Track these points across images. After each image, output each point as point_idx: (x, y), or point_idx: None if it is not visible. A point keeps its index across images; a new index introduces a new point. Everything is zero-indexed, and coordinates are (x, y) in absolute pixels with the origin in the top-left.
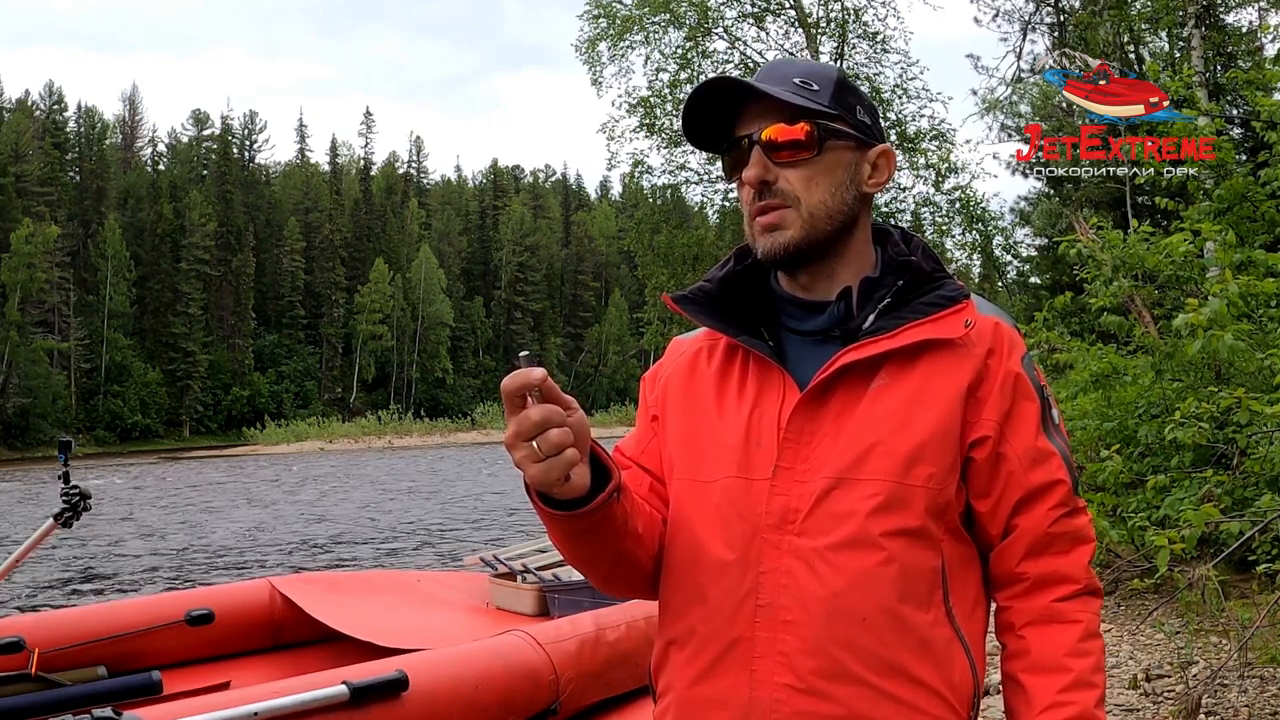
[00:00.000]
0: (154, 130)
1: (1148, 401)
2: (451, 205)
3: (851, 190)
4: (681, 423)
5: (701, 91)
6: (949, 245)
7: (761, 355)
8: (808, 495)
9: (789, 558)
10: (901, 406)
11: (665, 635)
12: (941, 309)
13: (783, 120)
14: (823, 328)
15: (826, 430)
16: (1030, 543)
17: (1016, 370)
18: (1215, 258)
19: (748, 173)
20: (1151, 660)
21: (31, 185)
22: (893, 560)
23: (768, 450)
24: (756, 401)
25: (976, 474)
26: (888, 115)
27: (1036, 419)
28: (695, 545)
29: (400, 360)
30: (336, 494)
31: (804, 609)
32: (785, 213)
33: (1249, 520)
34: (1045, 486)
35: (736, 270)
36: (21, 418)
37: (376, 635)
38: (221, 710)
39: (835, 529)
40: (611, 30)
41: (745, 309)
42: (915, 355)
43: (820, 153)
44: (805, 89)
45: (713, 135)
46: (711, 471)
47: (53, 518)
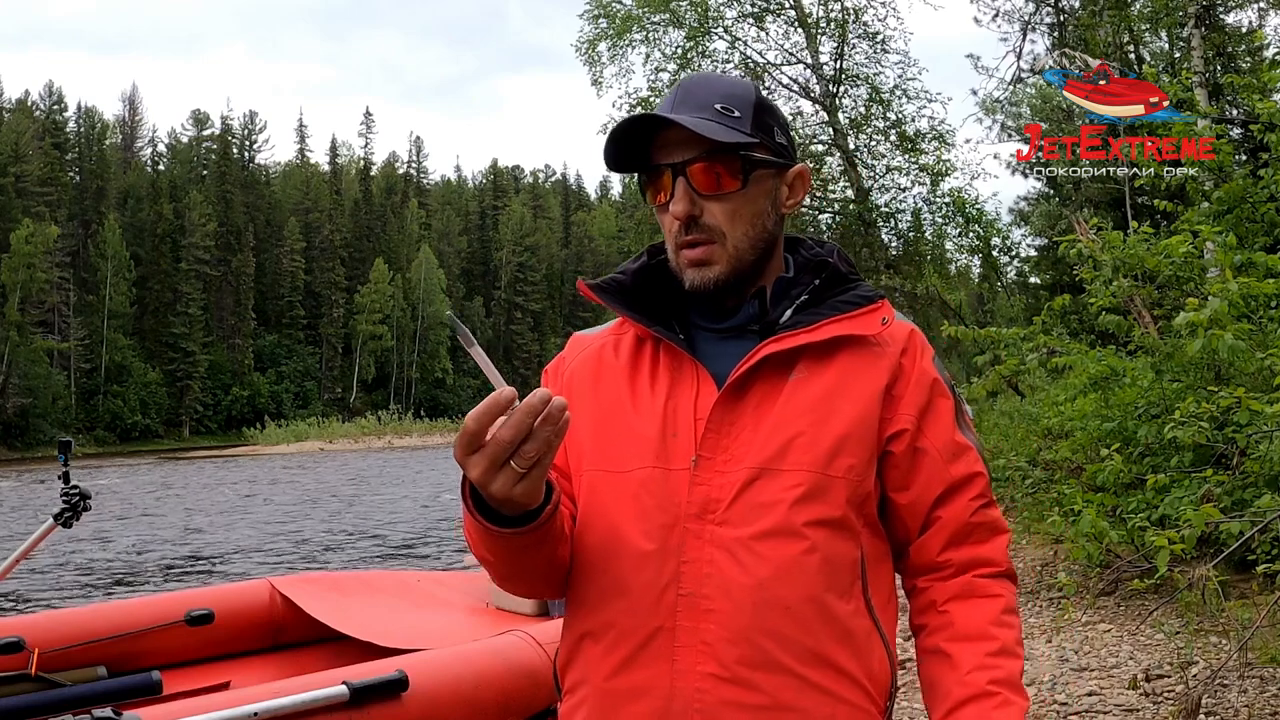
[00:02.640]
0: (154, 130)
1: (1147, 402)
2: (451, 205)
3: (773, 216)
4: (591, 415)
5: (626, 126)
6: (948, 246)
7: (673, 346)
8: (730, 485)
9: (711, 547)
10: (821, 399)
11: (578, 629)
12: (859, 307)
13: (707, 152)
14: (737, 325)
15: (746, 421)
16: (952, 533)
17: (931, 370)
18: (1215, 259)
19: (674, 207)
20: (1151, 660)
21: (31, 185)
22: (816, 550)
23: (685, 440)
24: (671, 392)
25: (894, 467)
26: (888, 115)
27: (952, 415)
28: (612, 537)
29: (400, 360)
30: (336, 493)
31: (728, 598)
32: (712, 248)
33: (1249, 520)
34: (966, 479)
35: (650, 265)
36: (21, 418)
37: (376, 635)
38: (221, 710)
39: (759, 519)
40: (611, 30)
41: (657, 303)
42: (832, 351)
43: (745, 185)
44: (727, 116)
45: (630, 155)
46: (627, 462)
47: (53, 518)
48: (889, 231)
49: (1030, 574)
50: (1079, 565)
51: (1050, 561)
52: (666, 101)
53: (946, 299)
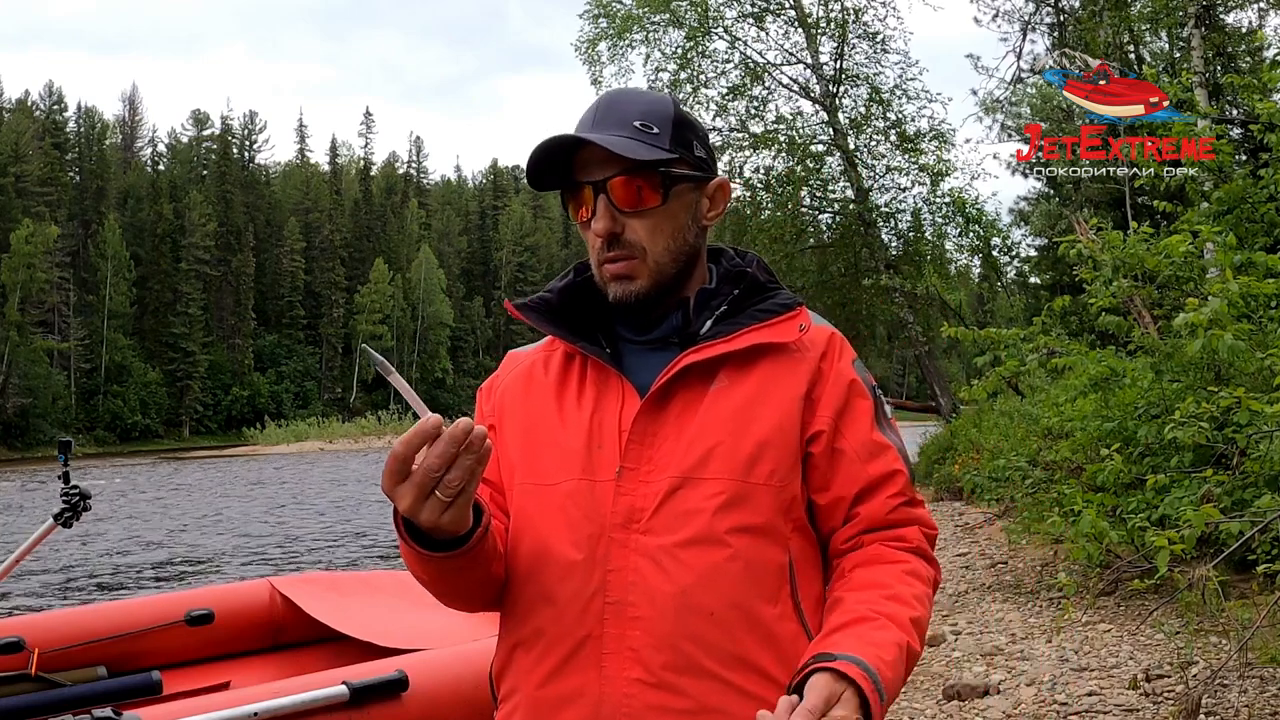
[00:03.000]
0: (154, 130)
1: (1147, 402)
2: (451, 205)
3: (693, 229)
4: (521, 430)
5: (546, 147)
6: (948, 246)
7: (599, 361)
8: (653, 495)
9: (636, 556)
10: (741, 408)
11: (510, 639)
12: (776, 315)
13: (626, 170)
14: (660, 336)
15: (669, 432)
16: (869, 526)
17: (849, 372)
18: (1215, 259)
19: (597, 225)
20: (1151, 660)
21: (31, 185)
22: (738, 556)
23: (610, 452)
24: (596, 405)
25: (815, 469)
26: (888, 115)
27: (870, 415)
28: (541, 548)
29: (400, 360)
30: (336, 494)
31: (652, 605)
32: (634, 264)
33: (1249, 520)
34: (884, 477)
35: (576, 282)
36: (21, 418)
37: (376, 635)
38: (221, 710)
39: (682, 527)
40: (611, 30)
41: (584, 318)
42: (752, 359)
43: (665, 201)
44: (646, 133)
45: (552, 173)
46: (554, 475)
47: (53, 518)
48: (889, 231)
49: (1030, 574)
50: (1079, 565)
51: (1050, 561)
52: (586, 119)
53: (946, 299)
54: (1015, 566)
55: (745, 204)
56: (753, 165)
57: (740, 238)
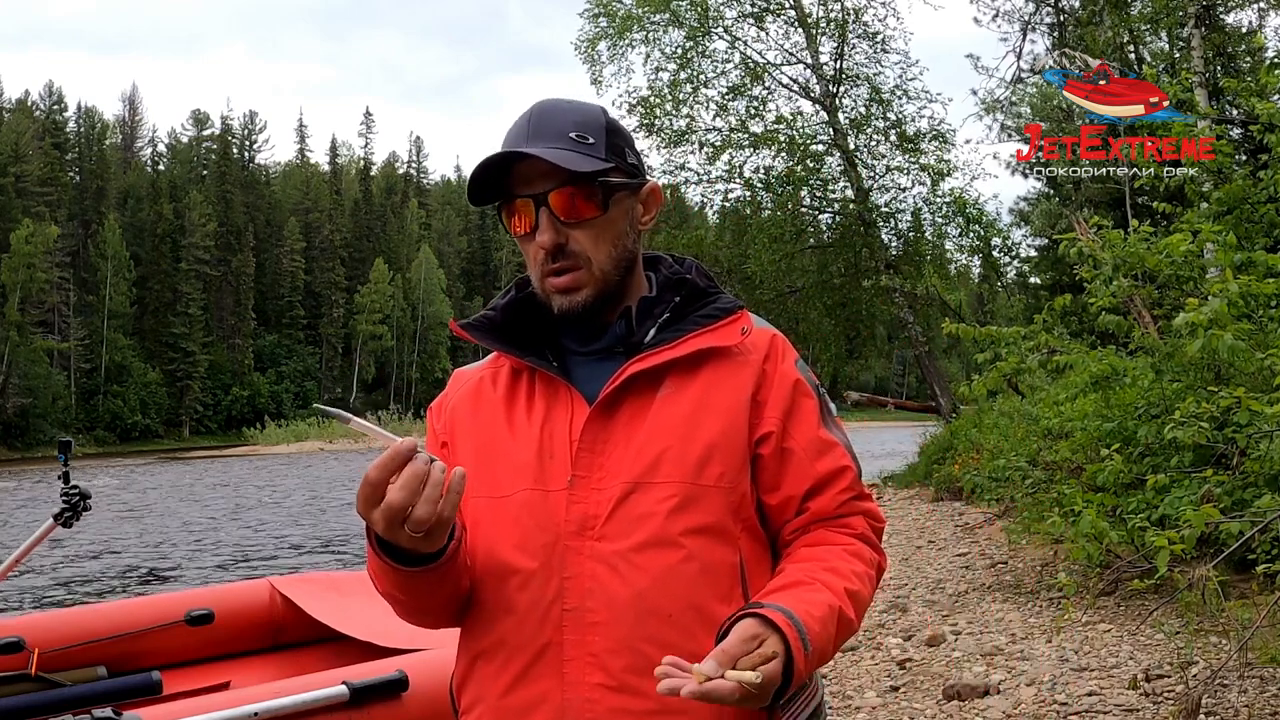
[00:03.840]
0: (154, 130)
1: (1147, 402)
2: (451, 205)
3: (632, 235)
4: (472, 445)
5: (486, 165)
6: (948, 246)
7: (547, 374)
8: (605, 501)
9: (591, 562)
10: (688, 412)
11: (470, 650)
12: (718, 319)
13: (567, 182)
14: (605, 346)
15: (618, 439)
16: (817, 518)
17: (793, 373)
18: (1215, 259)
19: (541, 238)
20: (1151, 660)
21: (31, 185)
22: (692, 558)
23: (561, 461)
24: (546, 417)
25: (764, 469)
26: (888, 115)
27: (817, 414)
28: (497, 559)
29: (400, 360)
30: (336, 494)
31: (610, 610)
32: (579, 274)
33: (1249, 520)
34: (832, 474)
35: (519, 298)
36: (21, 418)
37: (376, 635)
38: (221, 710)
39: (635, 531)
40: (611, 29)
41: (528, 333)
42: (697, 364)
43: (606, 210)
44: (582, 143)
45: (489, 187)
46: (506, 487)
47: (53, 518)
48: (889, 231)
49: (1030, 574)
50: (1079, 565)
51: (1050, 561)
52: (518, 132)
53: (946, 299)
54: (1015, 566)
55: (745, 204)
56: (753, 165)
57: (740, 238)
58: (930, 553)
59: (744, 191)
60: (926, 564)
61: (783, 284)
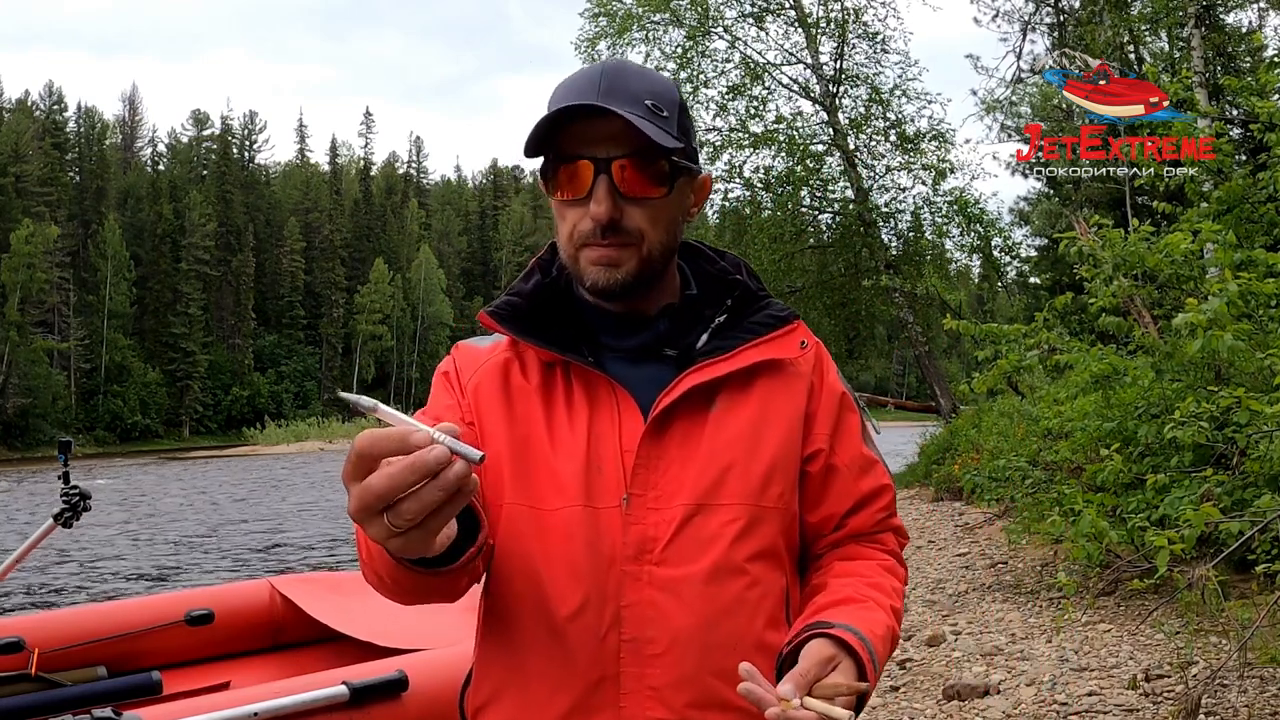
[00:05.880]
0: (154, 130)
1: (1147, 402)
2: (451, 205)
3: (683, 223)
4: (506, 442)
5: (565, 111)
6: (948, 246)
7: (585, 369)
8: (665, 523)
9: (650, 589)
10: (748, 429)
11: (502, 674)
12: (774, 329)
13: (636, 152)
14: (645, 344)
15: (674, 455)
16: (852, 535)
17: (838, 386)
18: (1215, 258)
19: (596, 208)
20: (1151, 660)
21: (31, 185)
22: (756, 583)
23: (611, 477)
24: (591, 422)
25: (809, 487)
26: (887, 115)
27: (859, 429)
28: (543, 580)
29: (400, 360)
30: (336, 494)
31: (672, 641)
32: (625, 251)
33: (1249, 520)
34: (874, 493)
35: (544, 284)
36: (21, 418)
37: (376, 635)
38: (221, 710)
39: (700, 556)
40: (611, 29)
41: (556, 323)
42: (751, 376)
43: (670, 191)
44: (657, 115)
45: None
46: (549, 498)
47: (53, 518)
48: (889, 231)
49: (1030, 574)
50: (1079, 565)
51: (1050, 561)
52: (586, 87)
53: (946, 299)
54: (1015, 566)
55: (745, 204)
56: (753, 165)
57: (740, 237)
58: (930, 553)
59: (744, 191)
60: (926, 564)
61: (783, 284)
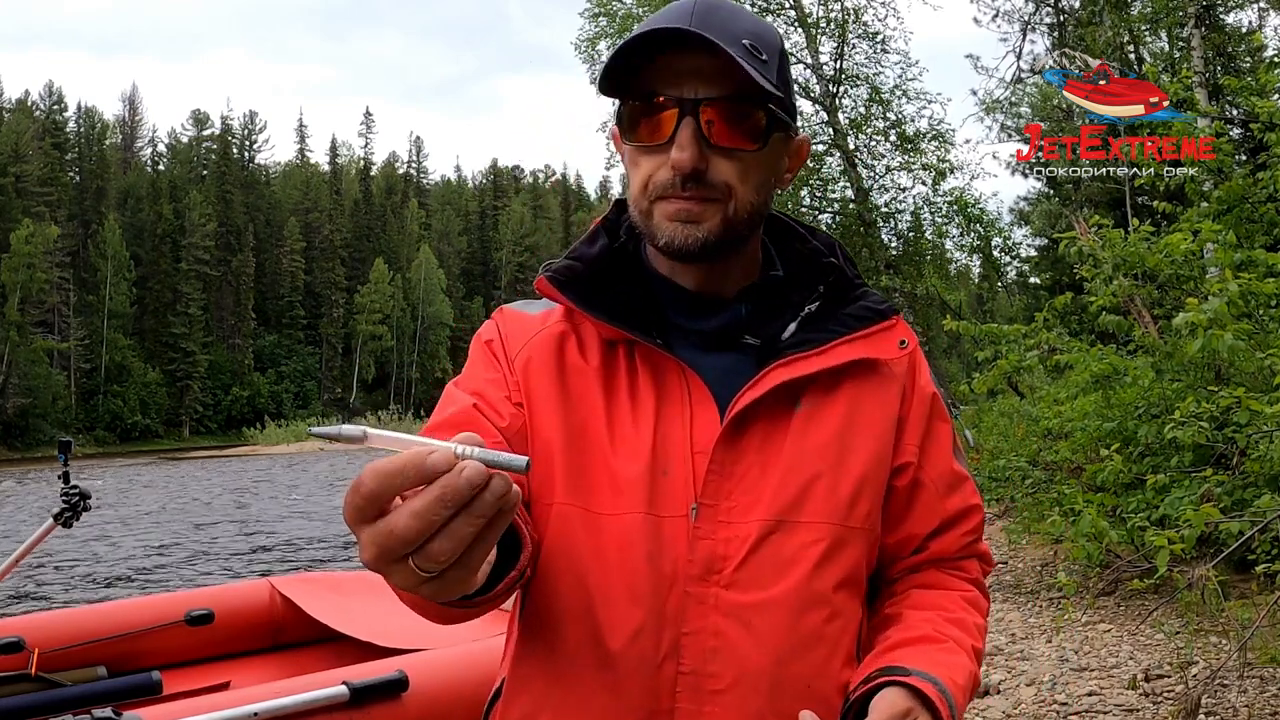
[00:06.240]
0: (154, 130)
1: (1147, 402)
2: (451, 205)
3: (773, 186)
4: (561, 431)
5: (654, 34)
6: (948, 245)
7: (653, 351)
8: (740, 540)
9: (717, 615)
10: (835, 436)
11: (538, 694)
12: (871, 324)
13: (730, 96)
14: (721, 329)
15: (752, 460)
16: (933, 559)
17: (930, 387)
18: (1215, 258)
19: (679, 155)
20: (1151, 660)
21: (31, 185)
22: (837, 616)
23: (679, 481)
24: (658, 416)
25: (892, 504)
26: (887, 115)
27: (950, 441)
28: (590, 595)
29: (400, 360)
30: (336, 494)
31: (738, 677)
32: (708, 206)
33: (1249, 520)
34: (961, 513)
35: (610, 249)
36: (21, 418)
37: (376, 635)
38: (221, 710)
39: (776, 581)
40: (611, 29)
41: (621, 296)
42: (839, 376)
43: (765, 145)
44: (755, 58)
45: (622, 74)
46: (607, 502)
47: (53, 518)
48: (889, 231)
49: (1030, 574)
50: (1079, 565)
51: (1050, 561)
52: (676, 13)
53: (946, 299)
54: (1015, 566)
55: None
56: None
57: None
58: None
59: None
60: None
61: None
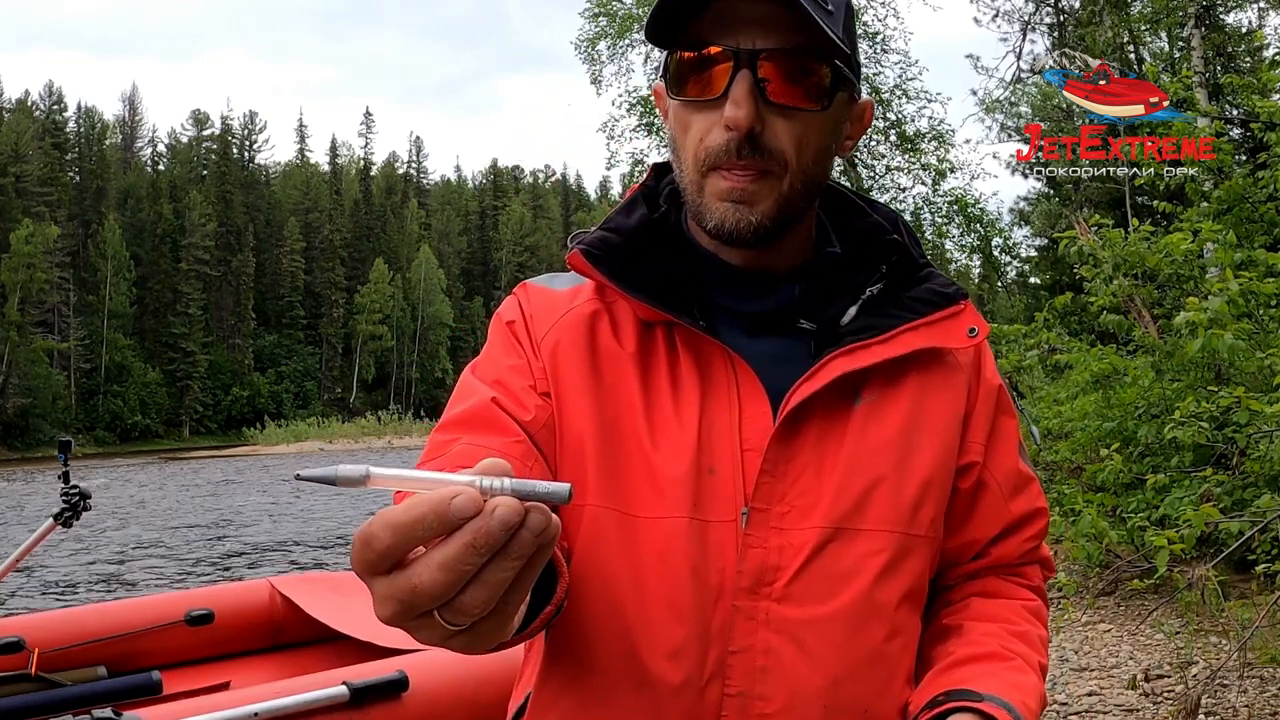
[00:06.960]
0: (154, 130)
1: (1147, 401)
2: (451, 205)
3: (834, 154)
4: (594, 424)
5: None
6: (948, 245)
7: (695, 334)
8: (795, 549)
9: (768, 632)
10: (899, 433)
11: (567, 712)
12: (938, 309)
13: (792, 49)
14: (772, 311)
15: (807, 460)
16: (994, 565)
17: (996, 379)
18: (1215, 258)
19: (734, 112)
20: (1151, 660)
21: (31, 185)
22: (899, 633)
23: (727, 481)
24: (703, 408)
25: (955, 506)
26: (887, 115)
27: (1016, 439)
28: (627, 608)
29: (400, 360)
30: (336, 494)
31: (790, 699)
32: (766, 183)
33: (1249, 520)
34: (1026, 517)
35: (651, 220)
36: (21, 418)
37: (376, 635)
38: (221, 710)
39: (834, 595)
40: (611, 29)
41: (659, 272)
42: (903, 366)
43: (828, 105)
44: (822, 7)
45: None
46: (646, 504)
47: (53, 518)
48: None
49: None
50: (1079, 565)
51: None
52: None
53: None
54: None
55: None
56: None
57: None
58: None
59: None
60: None
61: None
